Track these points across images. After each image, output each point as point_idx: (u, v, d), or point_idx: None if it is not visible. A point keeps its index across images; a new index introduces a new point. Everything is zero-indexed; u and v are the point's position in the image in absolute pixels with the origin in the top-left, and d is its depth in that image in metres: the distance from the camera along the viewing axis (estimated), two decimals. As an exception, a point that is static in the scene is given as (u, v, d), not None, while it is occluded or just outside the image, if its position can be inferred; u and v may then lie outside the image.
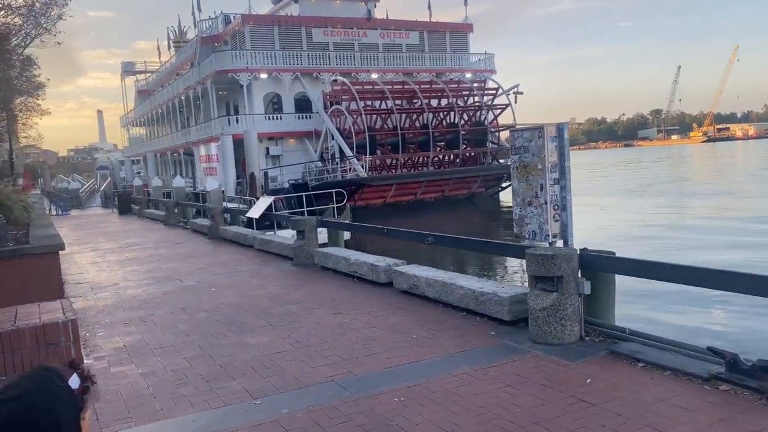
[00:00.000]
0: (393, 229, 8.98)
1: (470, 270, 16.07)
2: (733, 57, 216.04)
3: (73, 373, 1.48)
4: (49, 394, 1.39)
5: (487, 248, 7.26)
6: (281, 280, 9.92)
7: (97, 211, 36.90)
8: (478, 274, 15.41)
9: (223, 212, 17.11)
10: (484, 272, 16.00)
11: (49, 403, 1.37)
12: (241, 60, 36.66)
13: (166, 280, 10.62)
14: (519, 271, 15.65)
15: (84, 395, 1.47)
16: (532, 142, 6.58)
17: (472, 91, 38.06)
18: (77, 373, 1.48)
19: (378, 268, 8.83)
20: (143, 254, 14.39)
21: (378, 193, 33.51)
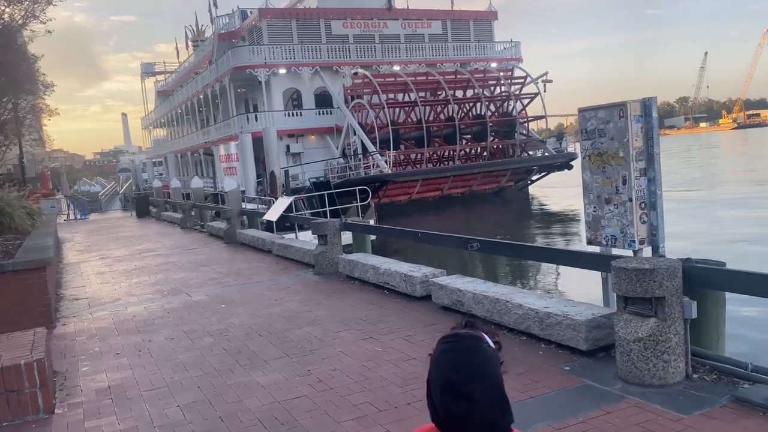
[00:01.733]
0: (428, 233, 7.66)
1: (517, 280, 14.46)
2: (762, 41, 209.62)
3: (480, 332, 1.56)
4: (494, 364, 1.49)
5: (553, 257, 5.91)
6: (301, 293, 8.66)
7: (117, 214, 36.17)
8: (530, 286, 13.60)
9: (239, 215, 15.95)
10: (535, 284, 14.12)
11: (495, 367, 1.48)
12: (259, 56, 35.57)
13: (172, 294, 9.44)
14: (576, 283, 13.61)
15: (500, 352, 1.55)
16: (610, 124, 5.21)
17: (498, 80, 36.46)
18: (484, 333, 1.56)
19: (413, 280, 7.53)
20: (154, 262, 13.28)
21: (403, 190, 32.17)
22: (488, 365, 1.46)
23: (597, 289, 9.67)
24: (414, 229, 8.00)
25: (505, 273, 14.83)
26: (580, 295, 10.94)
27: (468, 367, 1.44)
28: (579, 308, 5.38)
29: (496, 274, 14.87)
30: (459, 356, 1.47)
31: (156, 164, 62.88)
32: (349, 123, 34.63)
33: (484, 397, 1.41)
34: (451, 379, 1.44)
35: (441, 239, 7.46)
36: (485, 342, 1.52)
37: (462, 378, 1.43)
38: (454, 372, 1.44)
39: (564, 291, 12.34)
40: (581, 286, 11.94)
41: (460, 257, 16.25)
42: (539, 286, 13.06)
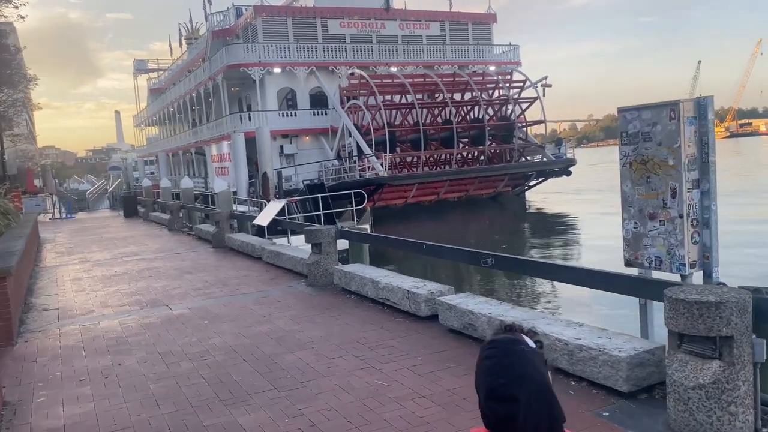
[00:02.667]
0: (435, 245, 6.90)
1: (528, 298, 13.28)
2: (756, 51, 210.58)
3: (520, 333, 1.58)
4: (534, 362, 1.51)
5: (583, 278, 5.15)
6: (292, 309, 7.88)
7: (104, 213, 35.23)
8: (548, 308, 11.92)
9: (229, 218, 15.13)
10: (550, 303, 12.67)
11: (540, 368, 1.51)
12: (254, 54, 34.73)
13: (151, 307, 8.63)
14: (596, 305, 11.50)
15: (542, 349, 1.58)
16: (657, 126, 4.46)
17: (497, 83, 35.77)
18: (524, 334, 1.58)
19: (417, 297, 6.76)
20: (136, 268, 12.45)
21: (398, 194, 31.40)
22: (528, 366, 1.50)
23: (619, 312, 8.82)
24: (418, 240, 7.22)
25: (513, 288, 13.95)
26: (600, 319, 10.06)
27: (508, 371, 1.49)
28: (616, 341, 4.63)
29: (503, 289, 14.00)
30: (498, 362, 1.52)
31: (148, 163, 61.87)
32: (344, 124, 33.86)
33: (528, 398, 1.45)
34: (492, 386, 1.49)
35: (449, 252, 6.69)
36: (524, 344, 1.54)
37: (503, 383, 1.47)
38: (495, 378, 1.49)
39: (580, 312, 11.38)
40: (601, 309, 10.96)
41: (465, 269, 15.51)
42: (557, 307, 11.90)
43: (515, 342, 1.54)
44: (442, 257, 6.89)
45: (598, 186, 45.22)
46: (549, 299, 12.18)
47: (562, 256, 21.12)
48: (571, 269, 5.20)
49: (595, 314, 10.45)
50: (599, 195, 39.08)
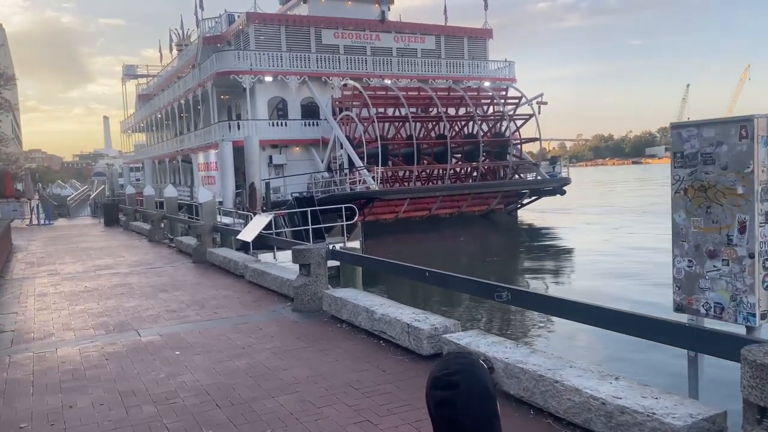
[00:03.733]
0: (439, 273, 6.10)
1: (534, 330, 12.18)
2: (744, 75, 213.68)
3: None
4: (480, 368, 1.62)
5: (621, 324, 4.36)
6: (276, 339, 7.03)
7: (85, 221, 34.11)
8: (568, 349, 10.32)
9: (212, 231, 14.26)
10: (567, 343, 11.08)
11: (485, 374, 1.61)
12: (245, 61, 33.98)
13: (118, 331, 7.74)
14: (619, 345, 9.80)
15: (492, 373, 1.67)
16: (722, 147, 3.70)
17: (492, 99, 35.23)
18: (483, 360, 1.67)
19: (419, 333, 5.95)
20: (108, 283, 11.53)
21: (389, 208, 30.64)
22: (474, 367, 1.60)
23: (639, 357, 7.96)
24: (421, 267, 6.42)
25: (522, 319, 13.15)
26: (617, 364, 9.10)
27: (453, 364, 1.61)
28: (665, 402, 3.83)
29: (509, 318, 13.13)
30: (447, 358, 1.68)
31: (134, 170, 60.69)
32: (336, 136, 33.13)
33: (469, 388, 1.54)
34: (437, 375, 1.60)
35: (457, 283, 5.89)
36: (476, 359, 1.66)
37: (447, 372, 1.58)
38: (441, 369, 1.61)
39: (597, 354, 10.22)
40: (607, 350, 10.04)
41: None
42: (570, 346, 10.63)
43: (468, 355, 1.67)
44: (448, 287, 6.09)
45: (591, 205, 44.80)
46: (554, 332, 11.33)
47: (555, 279, 20.42)
48: (609, 312, 4.41)
49: (606, 356, 9.67)
50: (593, 215, 38.60)
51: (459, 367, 1.59)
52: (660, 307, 11.59)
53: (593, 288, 16.33)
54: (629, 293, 14.95)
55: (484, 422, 1.55)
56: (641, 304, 11.95)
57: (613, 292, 15.39)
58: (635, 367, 8.81)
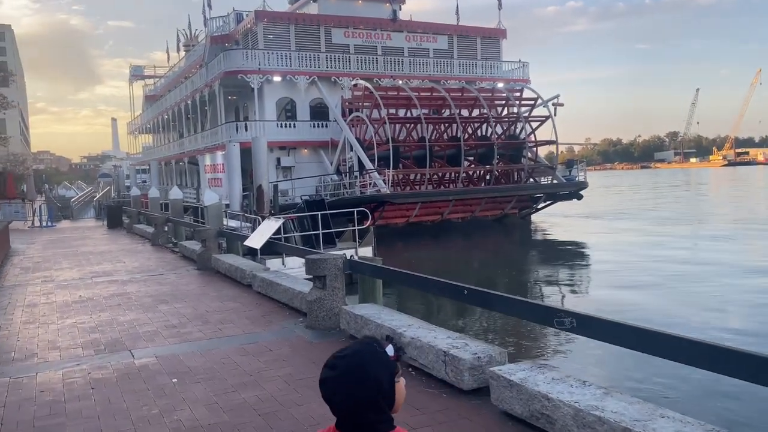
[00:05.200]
0: (481, 292, 5.17)
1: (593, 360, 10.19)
2: (755, 80, 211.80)
3: (389, 343, 1.75)
4: (372, 355, 1.69)
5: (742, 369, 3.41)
6: (288, 363, 6.11)
7: (88, 223, 33.34)
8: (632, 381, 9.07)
9: (217, 236, 13.37)
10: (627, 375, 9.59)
11: (373, 362, 1.67)
12: (253, 61, 33.16)
13: (110, 351, 6.84)
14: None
15: (397, 362, 1.73)
16: None
17: (507, 100, 34.27)
18: (392, 344, 1.75)
19: (459, 363, 5.01)
20: (104, 293, 10.66)
21: (400, 212, 29.74)
22: (365, 353, 1.68)
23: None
24: (458, 283, 5.50)
25: (529, 331, 12.04)
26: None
27: (350, 348, 1.72)
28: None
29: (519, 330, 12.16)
30: (353, 342, 1.83)
31: (140, 172, 60.05)
32: (345, 137, 32.24)
33: (346, 370, 1.64)
34: (331, 354, 1.72)
35: (503, 304, 4.96)
36: (379, 345, 1.72)
37: (338, 354, 1.70)
38: (338, 351, 1.73)
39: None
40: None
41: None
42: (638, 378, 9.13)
43: (374, 339, 1.76)
44: (492, 308, 5.16)
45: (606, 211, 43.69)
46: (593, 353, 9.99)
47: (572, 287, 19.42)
48: (721, 351, 3.45)
49: (666, 386, 8.61)
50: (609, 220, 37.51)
51: (350, 351, 1.68)
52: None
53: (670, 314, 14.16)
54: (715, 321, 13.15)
55: (356, 407, 1.63)
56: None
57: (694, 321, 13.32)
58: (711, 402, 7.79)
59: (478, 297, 5.30)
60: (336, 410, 1.67)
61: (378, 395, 1.64)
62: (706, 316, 13.61)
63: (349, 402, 1.63)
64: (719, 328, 12.47)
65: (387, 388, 1.66)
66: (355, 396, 1.62)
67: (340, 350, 1.72)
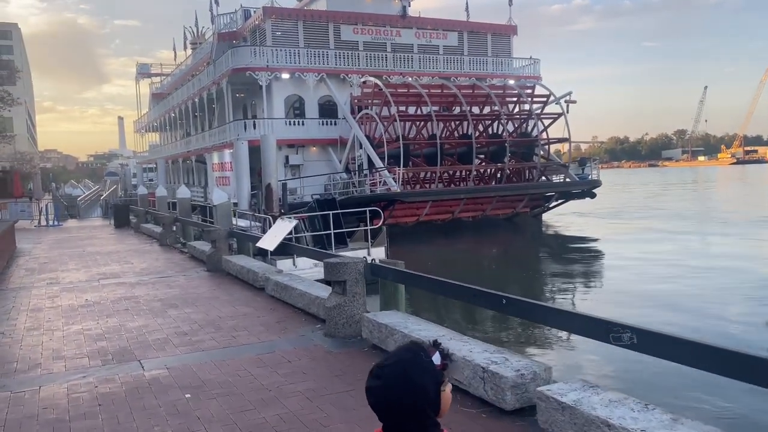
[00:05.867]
0: (522, 302, 4.72)
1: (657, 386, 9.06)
2: (764, 78, 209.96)
3: (436, 351, 1.69)
4: (418, 364, 1.64)
5: None
6: (308, 375, 5.68)
7: (95, 222, 33.02)
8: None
9: (227, 236, 12.96)
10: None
11: (418, 371, 1.63)
12: (261, 58, 32.77)
13: (118, 361, 6.43)
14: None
15: (444, 370, 1.68)
16: None
17: (519, 97, 33.73)
18: (439, 351, 1.70)
19: (500, 381, 4.56)
20: (112, 296, 10.26)
21: (411, 211, 29.26)
22: (410, 361, 1.64)
23: None
24: (494, 292, 5.05)
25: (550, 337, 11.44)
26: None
27: (394, 356, 1.70)
28: None
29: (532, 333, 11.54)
30: (397, 348, 1.78)
31: (147, 170, 59.83)
32: (355, 135, 31.80)
33: (391, 376, 1.62)
34: (376, 364, 1.70)
35: (547, 315, 4.51)
36: (426, 355, 1.67)
37: (383, 363, 1.68)
38: (383, 359, 1.71)
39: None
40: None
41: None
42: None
43: (421, 347, 1.70)
44: (535, 320, 4.71)
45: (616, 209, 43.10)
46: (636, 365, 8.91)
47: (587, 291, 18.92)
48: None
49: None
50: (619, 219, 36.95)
51: (395, 359, 1.66)
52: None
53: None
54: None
55: (401, 415, 1.61)
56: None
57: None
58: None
59: (520, 307, 4.85)
60: (382, 418, 1.66)
61: (424, 404, 1.63)
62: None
63: (394, 410, 1.62)
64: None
65: (433, 396, 1.65)
66: (400, 405, 1.61)
67: (386, 357, 1.70)
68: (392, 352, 1.73)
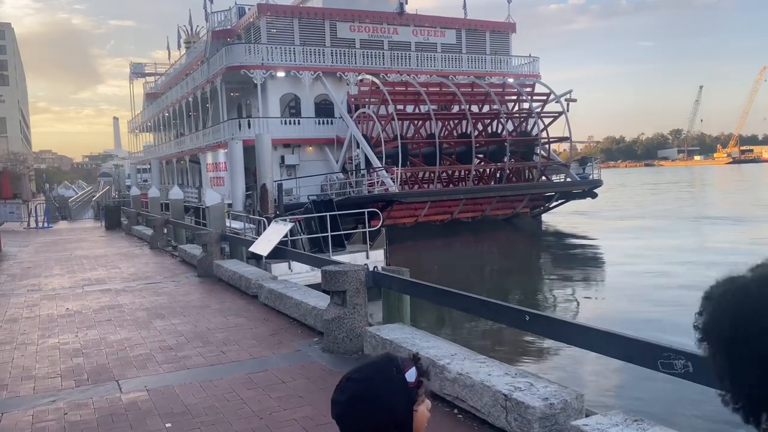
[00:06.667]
0: (550, 319, 4.13)
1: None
2: (759, 77, 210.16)
3: (413, 366, 1.56)
4: (387, 380, 1.51)
5: None
6: (306, 401, 5.06)
7: (86, 224, 32.30)
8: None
9: (219, 240, 12.32)
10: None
11: (387, 388, 1.49)
12: (256, 56, 32.10)
13: (93, 382, 5.80)
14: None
15: (418, 388, 1.55)
16: None
17: (519, 96, 33.15)
18: (416, 367, 1.56)
19: (525, 411, 3.95)
20: (95, 304, 9.62)
21: (409, 212, 28.62)
22: (374, 382, 1.51)
23: None
24: (517, 307, 4.44)
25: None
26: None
27: (362, 371, 1.55)
28: None
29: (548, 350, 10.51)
30: (367, 360, 1.66)
31: (141, 171, 59.05)
32: (352, 134, 31.15)
33: (354, 395, 1.49)
34: (344, 376, 1.57)
35: (584, 336, 3.90)
36: (397, 369, 1.54)
37: (349, 377, 1.54)
38: (350, 371, 1.57)
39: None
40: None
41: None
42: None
43: (395, 362, 1.56)
44: (565, 341, 4.09)
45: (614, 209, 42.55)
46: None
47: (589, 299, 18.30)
48: None
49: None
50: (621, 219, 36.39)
51: (361, 375, 1.54)
52: None
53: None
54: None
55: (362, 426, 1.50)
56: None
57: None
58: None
59: (546, 325, 4.24)
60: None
61: (391, 424, 1.51)
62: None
63: (357, 428, 1.50)
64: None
65: (402, 416, 1.52)
66: (363, 422, 1.49)
67: (354, 369, 1.59)
68: (362, 364, 1.59)
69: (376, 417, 1.49)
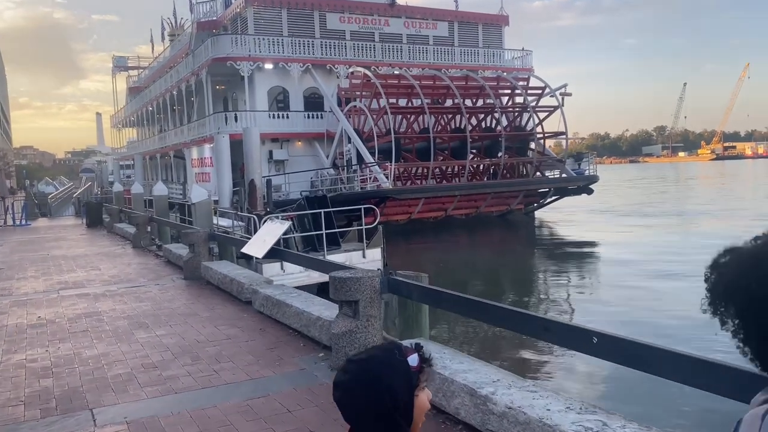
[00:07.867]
0: (624, 341, 3.32)
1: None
2: (743, 74, 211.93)
3: (415, 352, 1.53)
4: (389, 364, 1.48)
5: None
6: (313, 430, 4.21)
7: (67, 221, 31.11)
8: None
9: (207, 239, 11.40)
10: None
11: (388, 371, 1.46)
12: (243, 47, 31.09)
13: (62, 412, 4.91)
14: None
15: (420, 373, 1.51)
16: None
17: (514, 89, 32.42)
18: (418, 353, 1.54)
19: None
20: (71, 311, 8.69)
21: (402, 209, 27.82)
22: (381, 361, 1.49)
23: None
24: (581, 326, 3.63)
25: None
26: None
27: (367, 352, 1.56)
28: None
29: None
30: (374, 346, 1.69)
31: (125, 167, 57.70)
32: (343, 129, 30.26)
33: (356, 374, 1.47)
34: (347, 358, 1.61)
35: (677, 366, 3.09)
36: (400, 353, 1.51)
37: (353, 358, 1.54)
38: (355, 354, 1.63)
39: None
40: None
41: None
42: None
43: (397, 346, 1.55)
44: (653, 372, 3.27)
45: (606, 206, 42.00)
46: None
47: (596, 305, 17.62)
48: None
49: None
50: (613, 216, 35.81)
51: (365, 356, 1.54)
52: None
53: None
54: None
55: (365, 417, 1.45)
56: None
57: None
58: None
59: (623, 351, 3.42)
60: (346, 418, 1.48)
61: (391, 407, 1.43)
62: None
63: (357, 410, 1.45)
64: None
65: (402, 399, 1.45)
66: (364, 404, 1.43)
67: (357, 353, 1.62)
68: (368, 349, 1.62)
69: (377, 399, 1.44)
